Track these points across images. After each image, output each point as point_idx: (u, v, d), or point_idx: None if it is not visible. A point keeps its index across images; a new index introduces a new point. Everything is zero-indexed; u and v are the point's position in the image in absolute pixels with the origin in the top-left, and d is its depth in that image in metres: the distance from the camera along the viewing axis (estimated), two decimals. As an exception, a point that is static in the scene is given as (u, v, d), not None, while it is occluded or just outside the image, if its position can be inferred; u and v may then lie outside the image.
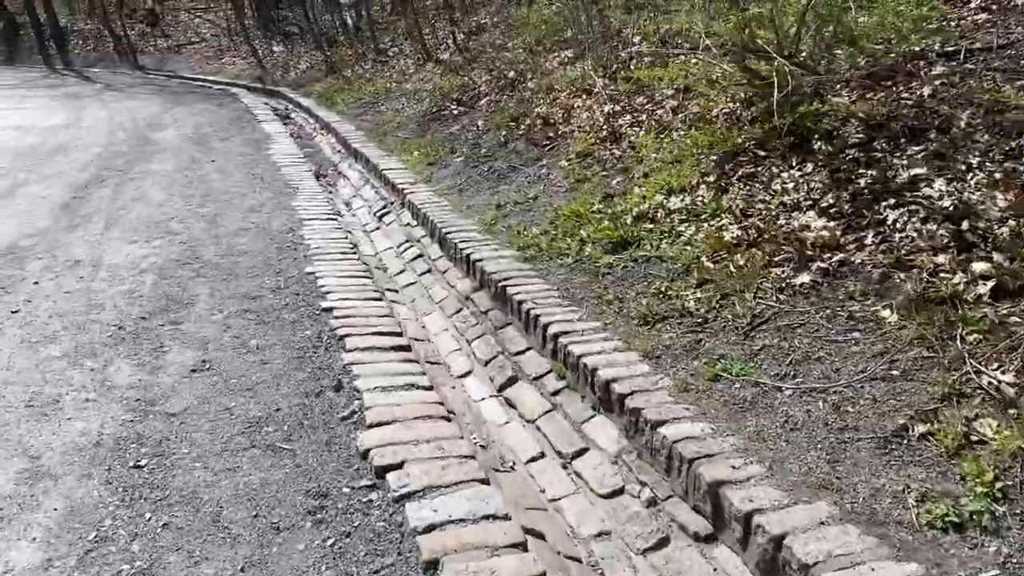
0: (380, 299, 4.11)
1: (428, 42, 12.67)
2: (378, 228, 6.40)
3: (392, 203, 6.68)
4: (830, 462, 2.41)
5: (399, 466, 2.42)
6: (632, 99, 6.36)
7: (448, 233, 5.10)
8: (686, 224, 4.21)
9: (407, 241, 5.79)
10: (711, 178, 4.53)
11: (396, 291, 4.95)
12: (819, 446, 2.49)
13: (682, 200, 4.44)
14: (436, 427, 2.71)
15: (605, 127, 6.13)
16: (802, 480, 2.35)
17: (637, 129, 5.89)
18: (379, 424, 2.68)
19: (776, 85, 3.81)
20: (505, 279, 4.15)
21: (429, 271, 5.14)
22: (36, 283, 4.20)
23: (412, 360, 3.37)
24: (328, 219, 5.66)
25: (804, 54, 4.36)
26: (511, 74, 9.23)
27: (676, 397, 2.88)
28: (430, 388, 3.06)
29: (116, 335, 3.52)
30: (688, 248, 3.94)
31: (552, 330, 3.49)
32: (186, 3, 26.75)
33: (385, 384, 3.00)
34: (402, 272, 5.32)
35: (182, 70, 19.49)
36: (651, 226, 4.34)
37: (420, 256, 5.42)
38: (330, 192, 7.57)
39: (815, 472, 2.38)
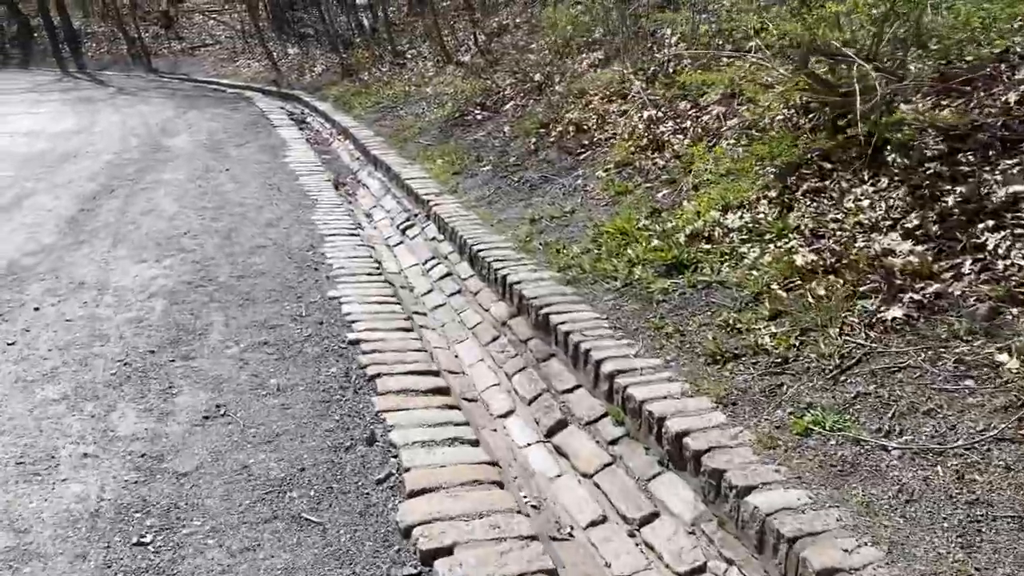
0: (411, 329, 3.73)
1: (448, 44, 12.31)
2: (402, 242, 6.04)
3: (416, 215, 6.31)
4: (964, 547, 2.01)
5: (449, 551, 2.04)
6: (673, 104, 5.96)
7: (480, 251, 4.72)
8: (748, 245, 3.81)
9: (433, 257, 5.42)
10: (772, 193, 4.12)
11: (424, 314, 4.57)
12: (946, 525, 2.09)
13: (741, 217, 4.04)
14: (488, 497, 2.33)
15: (645, 134, 5.73)
16: (932, 570, 1.96)
17: (681, 137, 5.49)
18: (421, 491, 2.31)
19: (857, 91, 3.40)
20: (547, 305, 3.76)
21: (459, 292, 4.76)
22: (37, 309, 3.86)
23: (453, 406, 2.99)
24: (350, 234, 5.29)
25: (885, 58, 3.95)
26: (537, 77, 8.86)
27: (762, 455, 2.48)
28: (476, 443, 2.68)
29: (121, 373, 3.16)
30: (754, 273, 3.54)
31: (606, 368, 3.10)
32: (200, 5, 26.54)
33: (424, 438, 2.63)
34: (429, 292, 4.94)
35: (196, 73, 19.23)
36: (708, 246, 3.94)
37: (449, 275, 5.05)
38: (350, 202, 7.22)
39: (947, 559, 1.98)
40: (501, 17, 12.72)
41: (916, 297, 3.00)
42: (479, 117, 8.62)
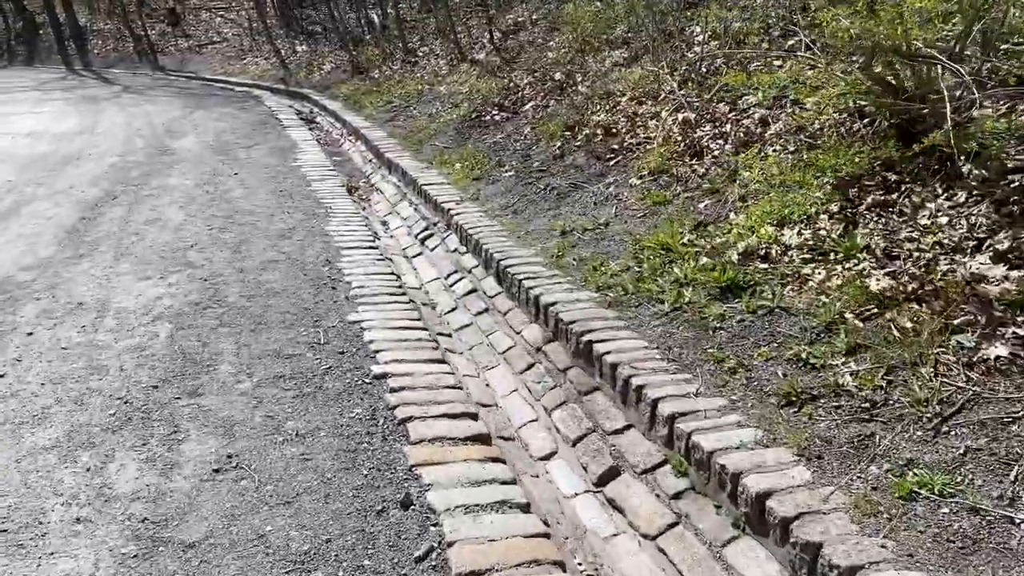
0: (442, 361, 3.38)
1: (462, 41, 11.95)
2: (421, 254, 5.69)
3: (435, 224, 5.97)
4: None
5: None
6: (710, 107, 5.59)
7: (508, 266, 4.37)
8: (812, 266, 3.45)
9: (456, 272, 5.07)
10: (832, 207, 3.76)
11: (449, 335, 4.23)
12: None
13: (799, 233, 3.69)
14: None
15: (681, 139, 5.37)
16: None
17: (721, 143, 5.13)
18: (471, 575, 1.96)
19: (946, 96, 3.04)
20: (588, 331, 3.42)
21: (486, 310, 4.42)
22: (30, 334, 3.53)
23: (496, 459, 2.65)
24: (368, 247, 4.95)
25: (972, 58, 3.59)
26: (558, 76, 8.51)
27: (862, 525, 2.13)
28: (527, 507, 2.33)
29: (121, 413, 2.82)
30: (823, 299, 3.19)
31: (665, 409, 2.76)
32: (207, 2, 26.23)
33: (468, 501, 2.29)
34: (454, 310, 4.60)
35: (203, 71, 18.91)
36: (765, 266, 3.59)
37: (474, 291, 4.70)
38: (364, 208, 6.88)
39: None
40: (516, 14, 12.35)
41: (1020, 332, 2.64)
42: (497, 118, 8.27)
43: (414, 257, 5.68)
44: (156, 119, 11.09)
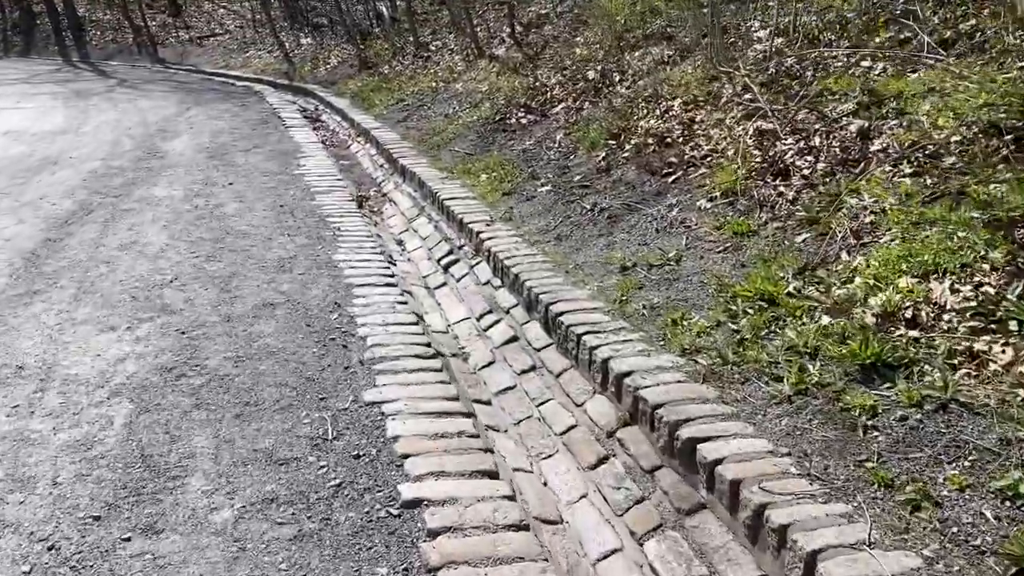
0: (495, 475, 2.50)
1: (479, 35, 11.06)
2: (445, 284, 4.83)
3: (461, 247, 5.11)
4: None
5: None
6: (788, 115, 4.71)
7: (560, 313, 3.52)
8: (986, 339, 2.58)
9: (490, 311, 4.21)
10: (996, 254, 2.88)
11: (487, 402, 3.37)
12: None
13: (954, 289, 2.81)
14: None
15: (759, 154, 4.50)
16: None
17: (811, 160, 4.26)
18: None
19: None
20: (684, 421, 2.56)
21: (533, 368, 3.56)
22: (-56, 416, 2.68)
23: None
24: (386, 284, 4.09)
25: None
26: (591, 75, 7.63)
27: None
28: None
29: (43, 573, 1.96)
30: (1018, 393, 2.32)
31: (830, 569, 1.89)
32: (210, -8, 25.33)
33: None
34: (490, 364, 3.74)
35: (204, 64, 18.02)
36: (915, 334, 2.72)
37: (515, 339, 3.85)
38: (375, 224, 6.01)
39: None
40: (539, 5, 11.45)
41: None
42: (524, 121, 7.40)
43: (437, 288, 4.82)
44: (149, 116, 10.24)
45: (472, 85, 9.56)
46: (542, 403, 3.28)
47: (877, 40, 5.08)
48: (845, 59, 5.14)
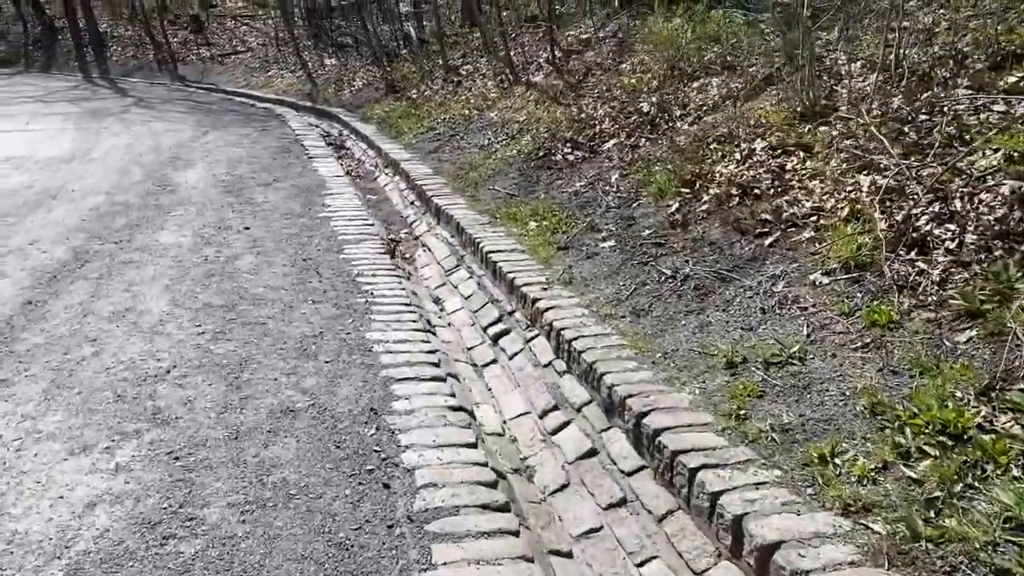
0: None
1: (515, 60, 10.36)
2: (495, 361, 4.07)
3: (512, 314, 4.35)
4: None
5: None
6: (910, 167, 3.92)
7: (658, 430, 2.73)
8: None
9: (556, 407, 3.43)
10: None
11: (567, 553, 2.58)
12: None
13: None
14: None
15: (883, 218, 3.71)
16: None
17: (954, 228, 3.46)
18: None
19: None
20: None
21: (623, 502, 2.77)
22: None
23: None
24: (432, 378, 3.31)
25: None
26: (645, 107, 6.89)
27: None
28: None
29: None
30: None
31: None
32: (232, 9, 24.94)
33: None
34: (564, 488, 2.95)
35: (224, 83, 17.48)
36: None
37: (593, 453, 3.06)
38: (408, 276, 5.27)
39: None
40: (578, 29, 10.75)
41: None
42: (571, 158, 6.67)
43: (486, 366, 4.05)
44: (164, 141, 9.60)
45: (508, 114, 8.86)
46: (643, 562, 2.48)
47: (1010, 80, 4.30)
48: (968, 102, 4.36)
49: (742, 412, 2.82)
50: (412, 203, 7.23)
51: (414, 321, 3.96)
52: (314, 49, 17.15)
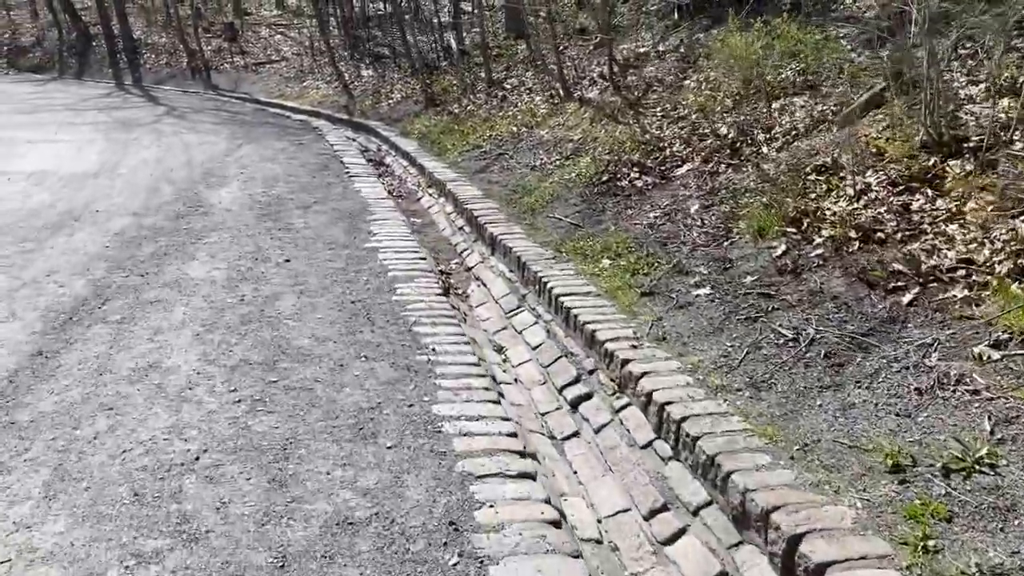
0: None
1: (566, 74, 9.77)
2: (577, 434, 3.45)
3: (592, 373, 3.73)
4: None
5: None
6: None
7: (819, 565, 2.09)
8: None
9: (665, 506, 2.80)
10: None
11: None
12: None
13: None
14: None
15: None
16: None
17: None
18: None
19: None
20: None
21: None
22: None
23: None
24: (520, 474, 2.69)
25: None
26: (723, 130, 6.26)
27: None
28: None
29: None
30: None
31: None
32: (267, 18, 24.67)
33: None
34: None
35: (258, 92, 17.09)
36: None
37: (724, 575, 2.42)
38: (463, 315, 4.67)
39: None
40: (635, 42, 10.13)
41: None
42: (638, 183, 6.05)
43: (566, 440, 3.43)
44: (196, 155, 9.12)
45: (560, 132, 8.27)
46: None
47: None
48: None
49: (929, 544, 2.17)
50: (461, 228, 6.65)
51: (486, 389, 3.35)
52: (350, 59, 16.70)
